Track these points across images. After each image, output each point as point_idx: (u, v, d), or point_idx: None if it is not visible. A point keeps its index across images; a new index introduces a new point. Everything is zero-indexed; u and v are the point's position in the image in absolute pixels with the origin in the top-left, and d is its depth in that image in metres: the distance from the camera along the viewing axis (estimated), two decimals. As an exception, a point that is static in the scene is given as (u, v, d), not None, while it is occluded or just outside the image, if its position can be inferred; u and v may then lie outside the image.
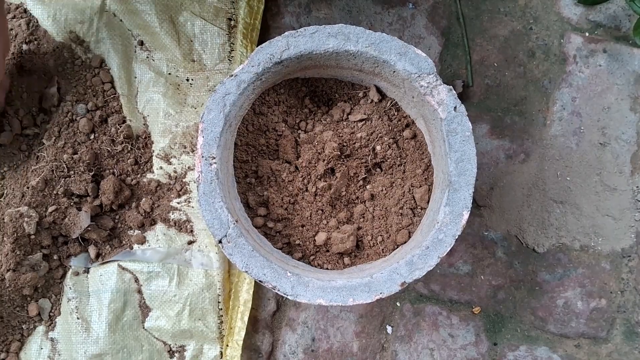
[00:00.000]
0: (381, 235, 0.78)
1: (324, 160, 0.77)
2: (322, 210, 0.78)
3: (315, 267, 0.77)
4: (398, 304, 0.90)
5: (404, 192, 0.78)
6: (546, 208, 0.89)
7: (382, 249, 0.77)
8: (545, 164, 0.89)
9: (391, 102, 0.80)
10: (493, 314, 0.89)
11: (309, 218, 0.78)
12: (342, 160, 0.78)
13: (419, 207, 0.78)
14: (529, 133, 0.90)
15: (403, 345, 0.89)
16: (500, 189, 0.89)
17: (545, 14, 0.91)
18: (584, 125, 0.89)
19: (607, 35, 0.91)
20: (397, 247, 0.77)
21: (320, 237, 0.76)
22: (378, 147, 0.78)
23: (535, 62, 0.90)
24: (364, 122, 0.79)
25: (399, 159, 0.79)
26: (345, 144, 0.78)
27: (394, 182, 0.79)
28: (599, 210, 0.89)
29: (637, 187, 0.89)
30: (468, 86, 0.90)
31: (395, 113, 0.80)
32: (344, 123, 0.80)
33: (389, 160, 0.79)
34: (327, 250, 0.78)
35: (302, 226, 0.78)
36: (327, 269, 0.77)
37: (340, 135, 0.78)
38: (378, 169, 0.80)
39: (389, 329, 0.89)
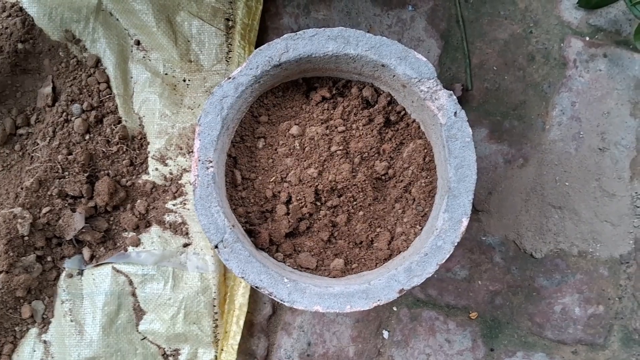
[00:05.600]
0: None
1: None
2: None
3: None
4: (395, 308, 0.89)
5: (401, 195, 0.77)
6: (544, 213, 0.89)
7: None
8: (544, 169, 0.89)
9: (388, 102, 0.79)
10: (490, 319, 0.89)
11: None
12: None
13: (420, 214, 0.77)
14: (528, 138, 0.89)
15: (399, 350, 0.89)
16: (499, 194, 0.89)
17: (545, 17, 0.90)
18: (584, 130, 0.89)
19: (607, 40, 0.90)
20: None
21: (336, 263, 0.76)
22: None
23: (535, 66, 0.90)
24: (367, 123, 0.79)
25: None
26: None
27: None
28: (598, 216, 0.88)
29: (636, 193, 0.88)
30: (467, 90, 0.89)
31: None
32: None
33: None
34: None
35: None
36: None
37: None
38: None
39: (386, 334, 0.89)
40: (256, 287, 0.67)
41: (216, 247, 0.68)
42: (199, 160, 0.69)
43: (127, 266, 0.84)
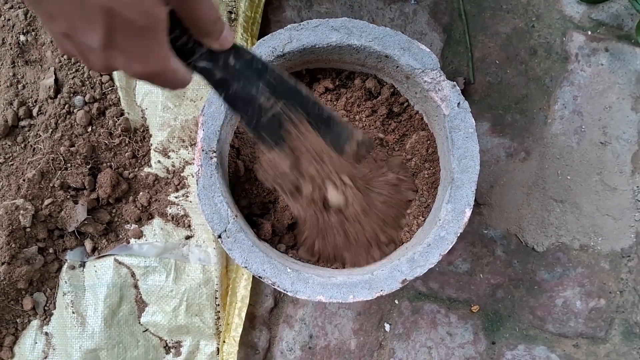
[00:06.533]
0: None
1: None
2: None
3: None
4: (396, 301, 0.89)
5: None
6: (546, 207, 0.89)
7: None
8: (546, 162, 0.89)
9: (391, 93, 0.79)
10: (491, 312, 0.89)
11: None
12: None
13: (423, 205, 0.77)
14: (530, 131, 0.89)
15: (401, 343, 0.89)
16: (501, 187, 0.89)
17: (547, 11, 0.90)
18: (585, 124, 0.89)
19: (609, 34, 0.90)
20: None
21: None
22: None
23: (537, 60, 0.90)
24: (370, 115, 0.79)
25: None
26: None
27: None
28: (599, 210, 0.89)
29: (638, 187, 0.88)
30: (469, 83, 0.90)
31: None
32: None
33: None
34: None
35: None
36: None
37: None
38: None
39: (387, 327, 0.89)
40: (259, 276, 0.67)
41: (219, 236, 0.68)
42: (203, 150, 0.69)
43: (129, 258, 0.84)
